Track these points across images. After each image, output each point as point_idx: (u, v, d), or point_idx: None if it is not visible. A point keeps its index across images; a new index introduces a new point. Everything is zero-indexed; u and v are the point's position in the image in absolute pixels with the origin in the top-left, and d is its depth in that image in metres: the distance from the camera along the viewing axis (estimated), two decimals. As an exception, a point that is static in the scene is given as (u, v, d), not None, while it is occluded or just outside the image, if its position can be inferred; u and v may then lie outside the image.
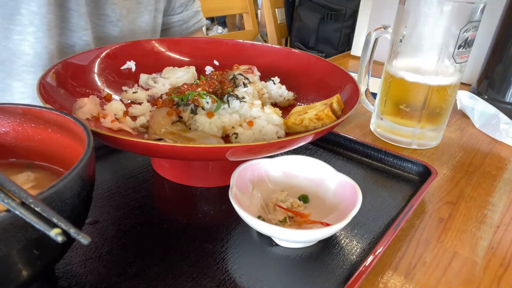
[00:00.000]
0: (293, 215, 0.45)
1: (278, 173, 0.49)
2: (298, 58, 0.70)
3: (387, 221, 0.48)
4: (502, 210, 0.53)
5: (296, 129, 0.53)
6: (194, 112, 0.53)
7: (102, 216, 0.45)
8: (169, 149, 0.40)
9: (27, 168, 0.40)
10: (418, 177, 0.57)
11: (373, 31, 0.67)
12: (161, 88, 0.63)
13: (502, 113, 0.75)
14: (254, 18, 1.60)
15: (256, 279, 0.39)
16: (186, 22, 0.90)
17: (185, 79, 0.64)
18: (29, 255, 0.28)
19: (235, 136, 0.51)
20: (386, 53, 0.67)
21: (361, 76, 0.70)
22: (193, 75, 0.67)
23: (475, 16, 0.58)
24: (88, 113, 0.51)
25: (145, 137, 0.51)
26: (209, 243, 0.42)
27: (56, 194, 0.28)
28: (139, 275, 0.38)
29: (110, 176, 0.53)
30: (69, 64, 0.56)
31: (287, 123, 0.54)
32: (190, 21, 0.91)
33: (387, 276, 0.41)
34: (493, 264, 0.44)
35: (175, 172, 0.53)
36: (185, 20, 0.90)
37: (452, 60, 0.61)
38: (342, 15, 1.85)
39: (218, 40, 0.75)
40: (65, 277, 0.37)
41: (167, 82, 0.63)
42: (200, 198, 0.50)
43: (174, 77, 0.65)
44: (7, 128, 0.39)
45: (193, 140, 0.49)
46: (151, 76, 0.66)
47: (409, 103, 0.65)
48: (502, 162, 0.65)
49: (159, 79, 0.65)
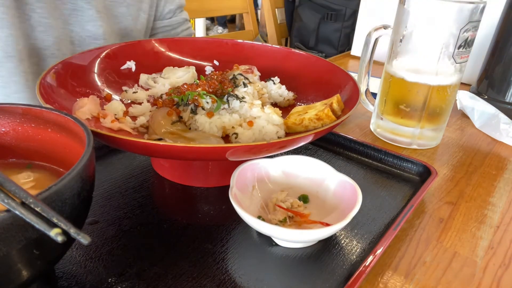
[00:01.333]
0: (293, 215, 0.45)
1: (278, 173, 0.49)
2: (298, 58, 0.70)
3: (387, 221, 0.48)
4: (502, 210, 0.53)
5: (296, 129, 0.53)
6: (194, 112, 0.53)
7: (102, 216, 0.45)
8: (169, 149, 0.40)
9: (27, 168, 0.40)
10: (418, 177, 0.57)
11: (373, 31, 0.67)
12: (161, 88, 0.63)
13: (502, 113, 0.75)
14: (254, 18, 1.60)
15: (256, 279, 0.39)
16: (174, 28, 0.91)
17: (185, 79, 0.64)
18: (29, 255, 0.28)
19: (235, 136, 0.51)
20: (386, 53, 0.67)
21: (361, 76, 0.70)
22: (193, 75, 0.66)
23: (475, 16, 0.58)
24: (88, 113, 0.51)
25: (145, 137, 0.51)
26: (209, 243, 0.42)
27: (56, 194, 0.28)
28: (139, 275, 0.38)
29: (110, 176, 0.53)
30: (69, 64, 0.56)
31: (287, 123, 0.54)
32: (178, 27, 0.91)
33: (387, 276, 0.41)
34: (493, 264, 0.44)
35: (175, 172, 0.53)
36: (173, 26, 0.90)
37: (452, 60, 0.61)
38: (342, 15, 1.85)
39: (218, 40, 0.75)
40: (65, 277, 0.37)
41: (167, 82, 0.63)
42: (200, 198, 0.50)
43: (174, 77, 0.65)
44: (7, 128, 0.39)
45: (193, 140, 0.49)
46: (151, 76, 0.66)
47: (409, 103, 0.65)
48: (502, 162, 0.65)
49: (159, 79, 0.65)
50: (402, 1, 0.62)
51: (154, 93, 0.62)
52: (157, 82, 0.64)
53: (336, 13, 1.85)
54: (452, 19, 0.58)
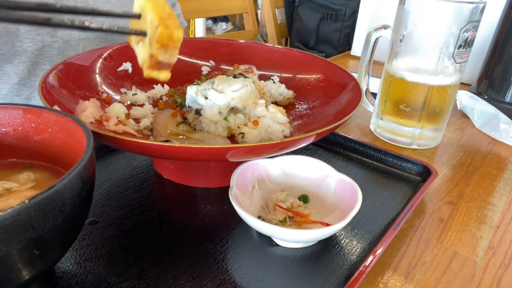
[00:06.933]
0: (293, 215, 0.45)
1: (278, 173, 0.49)
2: (296, 57, 0.70)
3: (387, 221, 0.48)
4: (502, 210, 0.53)
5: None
6: (199, 113, 0.53)
7: (102, 216, 0.45)
8: (175, 151, 0.39)
9: (28, 168, 0.40)
10: (418, 177, 0.57)
11: (373, 31, 0.67)
12: (160, 89, 0.62)
13: (502, 113, 0.75)
14: (254, 18, 1.60)
15: (256, 279, 0.39)
16: None
17: (242, 93, 0.53)
18: (29, 255, 0.28)
19: (242, 136, 0.51)
20: (386, 53, 0.67)
21: (361, 76, 0.70)
22: (252, 91, 0.55)
23: (475, 16, 0.58)
24: (91, 116, 0.51)
25: (150, 139, 0.51)
26: (209, 243, 0.42)
27: (56, 194, 0.28)
28: (139, 275, 0.38)
29: (110, 176, 0.53)
30: (69, 65, 0.56)
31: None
32: None
33: (387, 276, 0.41)
34: (493, 264, 0.44)
35: (176, 172, 0.53)
36: None
37: (452, 60, 0.61)
38: (342, 15, 1.85)
39: (214, 40, 0.75)
40: (65, 277, 0.37)
41: (222, 97, 0.53)
42: (201, 198, 0.50)
43: (229, 90, 0.52)
44: (7, 128, 0.39)
45: (200, 141, 0.49)
46: (200, 88, 0.62)
47: (409, 103, 0.65)
48: (502, 162, 0.65)
49: (209, 93, 0.52)
50: (402, 1, 0.62)
51: (154, 94, 0.62)
52: (209, 97, 0.52)
53: (336, 13, 1.85)
54: (452, 19, 0.58)
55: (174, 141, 0.48)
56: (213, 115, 0.51)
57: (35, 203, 0.26)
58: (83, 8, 0.36)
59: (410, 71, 0.63)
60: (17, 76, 0.66)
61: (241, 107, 0.52)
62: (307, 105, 0.63)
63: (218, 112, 0.51)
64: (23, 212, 0.26)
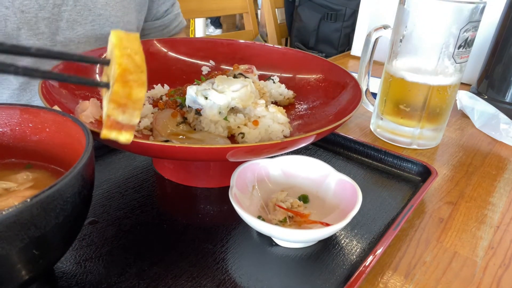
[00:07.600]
0: (293, 215, 0.45)
1: (278, 173, 0.49)
2: (296, 57, 0.70)
3: (387, 221, 0.48)
4: (502, 210, 0.53)
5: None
6: (199, 113, 0.53)
7: (102, 216, 0.45)
8: (175, 150, 0.39)
9: (26, 168, 0.40)
10: (418, 177, 0.57)
11: (373, 31, 0.67)
12: (160, 89, 0.62)
13: (502, 113, 0.75)
14: (254, 18, 1.60)
15: (256, 279, 0.38)
16: (167, 27, 0.91)
17: (242, 94, 0.53)
18: (30, 255, 0.28)
19: (242, 136, 0.51)
20: (386, 53, 0.67)
21: (361, 76, 0.70)
22: (252, 91, 0.55)
23: (475, 16, 0.58)
24: (91, 116, 0.51)
25: (150, 139, 0.51)
26: (209, 243, 0.42)
27: (58, 192, 0.28)
28: (139, 275, 0.38)
29: (110, 176, 0.53)
30: (69, 65, 0.56)
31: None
32: (171, 24, 0.91)
33: (387, 276, 0.41)
34: (493, 264, 0.44)
35: (176, 172, 0.53)
36: (166, 25, 0.90)
37: (452, 60, 0.61)
38: (342, 15, 1.85)
39: (214, 40, 0.75)
40: (65, 277, 0.37)
41: (222, 98, 0.53)
42: (201, 198, 0.50)
43: (229, 91, 0.52)
44: (5, 128, 0.39)
45: (200, 141, 0.49)
46: (200, 88, 0.61)
47: (409, 103, 0.65)
48: (502, 162, 0.65)
49: (210, 93, 0.52)
50: (402, 1, 0.62)
51: (153, 94, 0.62)
52: (209, 97, 0.52)
53: (336, 13, 1.85)
54: (452, 19, 0.58)
55: (174, 141, 0.48)
56: (213, 115, 0.51)
57: (37, 202, 0.26)
58: (50, 51, 0.32)
59: (410, 71, 0.63)
60: (17, 81, 0.67)
61: (241, 107, 0.52)
62: (307, 105, 0.63)
63: (218, 112, 0.51)
64: (25, 210, 0.26)
